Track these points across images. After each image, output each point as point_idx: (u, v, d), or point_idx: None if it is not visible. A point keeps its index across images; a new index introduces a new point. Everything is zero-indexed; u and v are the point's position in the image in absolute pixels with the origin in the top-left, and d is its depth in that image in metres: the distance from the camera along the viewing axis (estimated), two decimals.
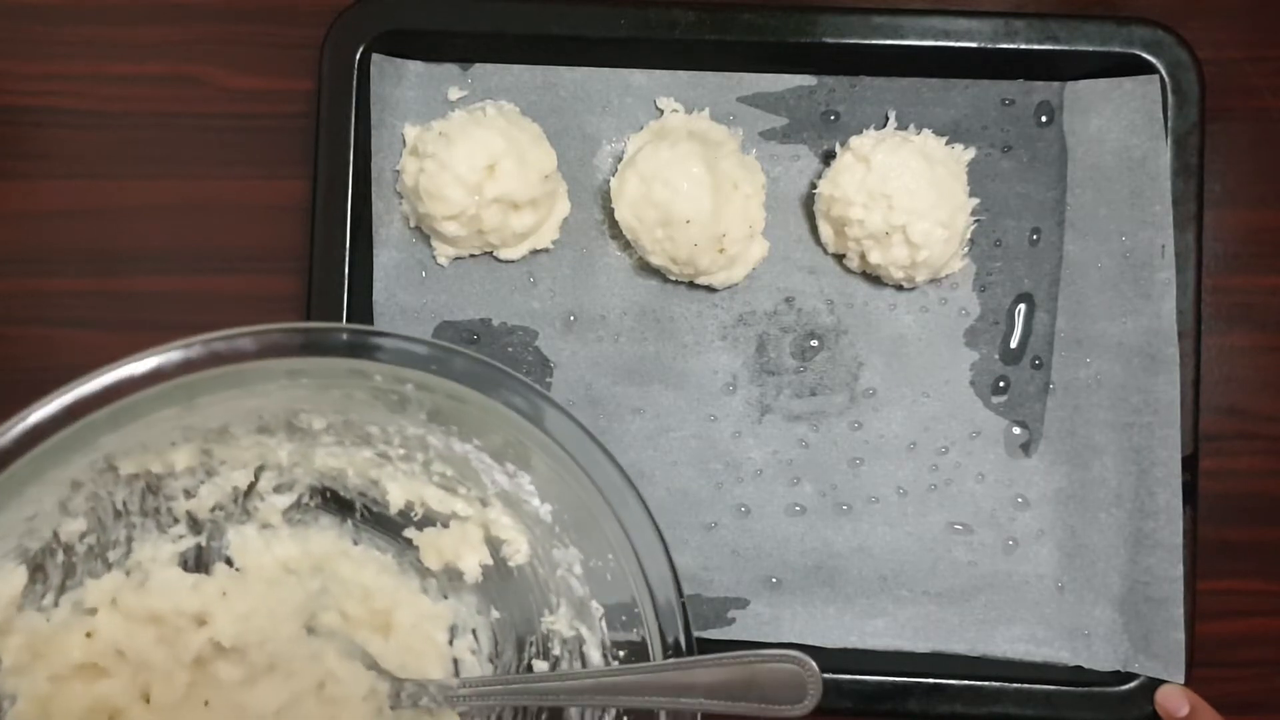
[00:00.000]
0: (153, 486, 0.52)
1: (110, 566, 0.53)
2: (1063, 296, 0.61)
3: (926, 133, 0.61)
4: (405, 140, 0.62)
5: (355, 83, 0.61)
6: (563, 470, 0.47)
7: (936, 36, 0.60)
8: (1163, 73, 0.60)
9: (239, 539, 0.56)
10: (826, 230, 0.61)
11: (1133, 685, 0.59)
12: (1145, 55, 0.60)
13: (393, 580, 0.57)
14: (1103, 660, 0.60)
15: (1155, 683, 0.59)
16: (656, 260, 0.60)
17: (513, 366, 0.62)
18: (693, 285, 0.62)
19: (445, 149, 0.58)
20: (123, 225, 0.64)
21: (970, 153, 0.61)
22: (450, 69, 0.63)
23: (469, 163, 0.58)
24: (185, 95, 0.65)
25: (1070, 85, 0.62)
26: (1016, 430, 0.62)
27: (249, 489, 0.54)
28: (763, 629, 0.61)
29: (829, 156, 0.62)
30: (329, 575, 0.56)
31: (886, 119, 0.62)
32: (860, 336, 0.62)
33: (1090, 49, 0.60)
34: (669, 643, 0.46)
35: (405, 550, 0.56)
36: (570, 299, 0.62)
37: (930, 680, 0.59)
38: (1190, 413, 0.59)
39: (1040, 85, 0.62)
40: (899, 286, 0.62)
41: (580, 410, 0.60)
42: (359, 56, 0.61)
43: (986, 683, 0.59)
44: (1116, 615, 0.60)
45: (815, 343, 0.62)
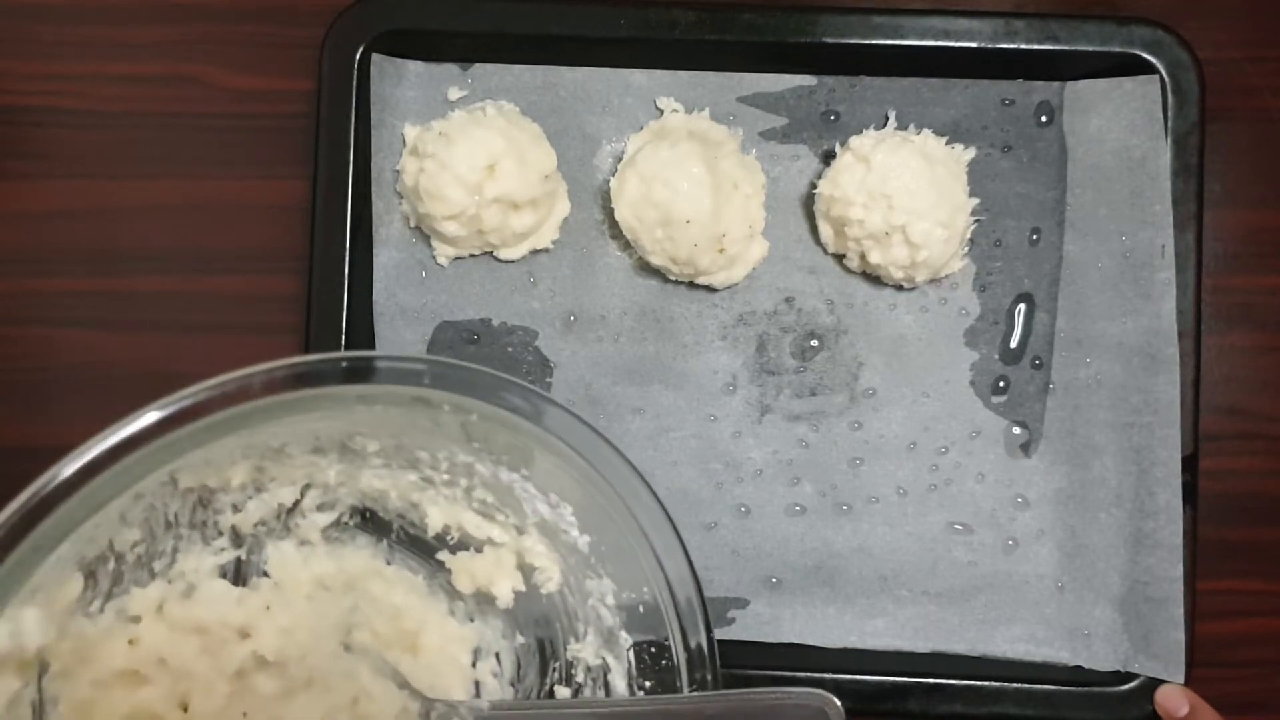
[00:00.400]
0: (204, 500, 0.53)
1: (155, 576, 0.53)
2: (1063, 296, 0.61)
3: (926, 133, 0.61)
4: (405, 140, 0.62)
5: (355, 83, 0.61)
6: (571, 468, 0.47)
7: (936, 36, 0.60)
8: (1163, 73, 0.60)
9: (277, 554, 0.56)
10: (826, 230, 0.61)
11: (1133, 685, 0.59)
12: (1145, 55, 0.60)
13: (421, 601, 0.57)
14: (1103, 660, 0.60)
15: (1155, 683, 0.59)
16: (656, 260, 0.60)
17: (513, 367, 0.62)
18: (693, 285, 0.62)
19: (445, 149, 0.58)
20: (123, 225, 0.64)
21: (970, 153, 0.61)
22: (450, 69, 0.63)
23: (469, 163, 0.58)
24: (185, 95, 0.65)
25: (1070, 85, 0.62)
26: (1016, 430, 0.61)
27: (293, 506, 0.55)
28: (763, 629, 0.61)
29: (829, 156, 0.62)
30: (360, 593, 0.56)
31: (886, 119, 0.62)
32: (860, 336, 0.62)
33: (1090, 49, 0.60)
34: (691, 646, 0.46)
35: (436, 572, 0.56)
36: (570, 299, 0.62)
37: (930, 680, 0.59)
38: (1190, 413, 0.59)
39: (1040, 85, 0.62)
40: (899, 286, 0.62)
41: (580, 410, 0.59)
42: (359, 56, 0.61)
43: (986, 683, 0.59)
44: (1116, 615, 0.60)
45: (815, 343, 0.62)
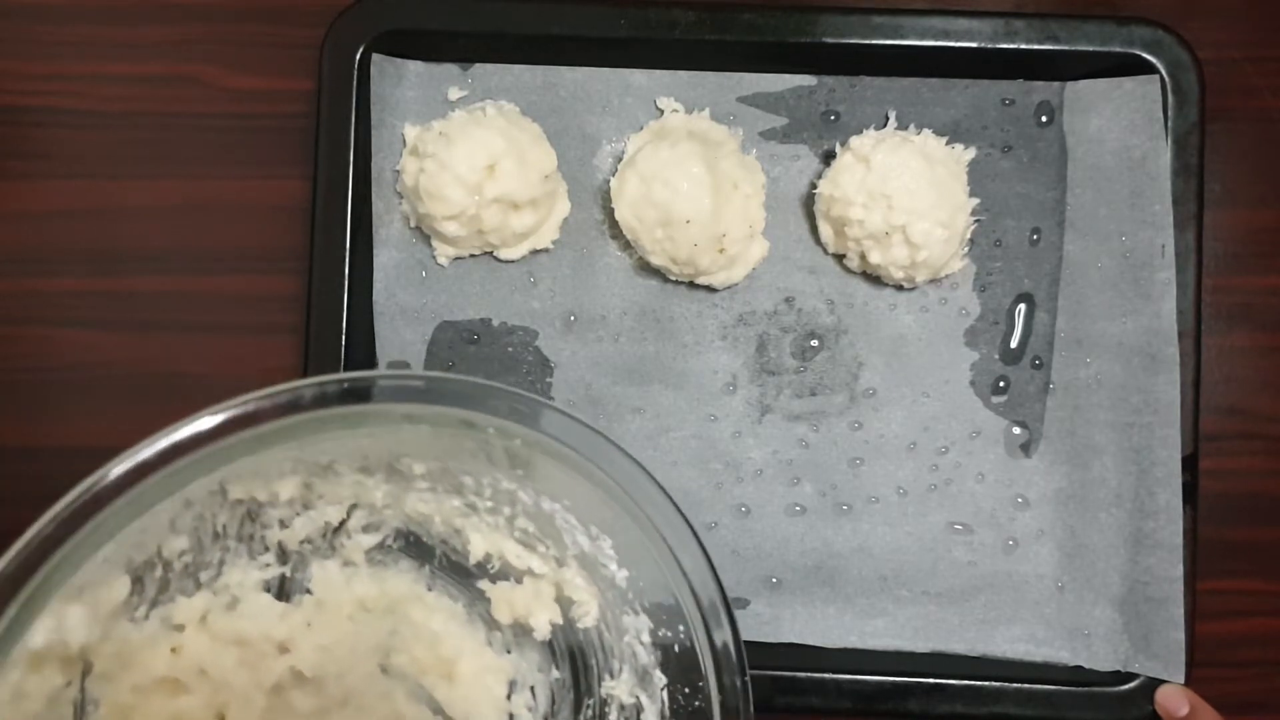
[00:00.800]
0: (253, 513, 0.53)
1: (200, 586, 0.53)
2: (1063, 296, 0.61)
3: (926, 133, 0.61)
4: (405, 140, 0.62)
5: (355, 83, 0.61)
6: (613, 502, 0.47)
7: (936, 36, 0.60)
8: (1163, 73, 0.60)
9: (321, 573, 0.56)
10: (826, 230, 0.61)
11: (1133, 685, 0.59)
12: (1145, 55, 0.60)
13: (460, 629, 0.57)
14: (1103, 660, 0.60)
15: (1155, 683, 0.59)
16: (656, 260, 0.60)
17: (513, 367, 0.62)
18: (693, 285, 0.62)
19: (445, 149, 0.58)
20: (123, 225, 0.64)
21: (970, 153, 0.61)
22: (450, 69, 0.63)
23: (469, 163, 0.58)
24: (185, 95, 0.65)
25: (1070, 85, 0.62)
26: (1016, 430, 0.61)
27: (339, 525, 0.55)
28: (763, 629, 0.61)
29: (829, 156, 0.62)
30: (400, 618, 0.56)
31: (886, 119, 0.62)
32: (860, 336, 0.62)
33: (1090, 49, 0.60)
34: (716, 645, 0.46)
35: (476, 601, 0.56)
36: (570, 299, 0.62)
37: (930, 680, 0.59)
38: (1190, 413, 0.59)
39: (1040, 85, 0.62)
40: (899, 286, 0.62)
41: (580, 410, 0.60)
42: (359, 56, 0.61)
43: (986, 683, 0.59)
44: (1116, 615, 0.60)
45: (815, 343, 0.62)
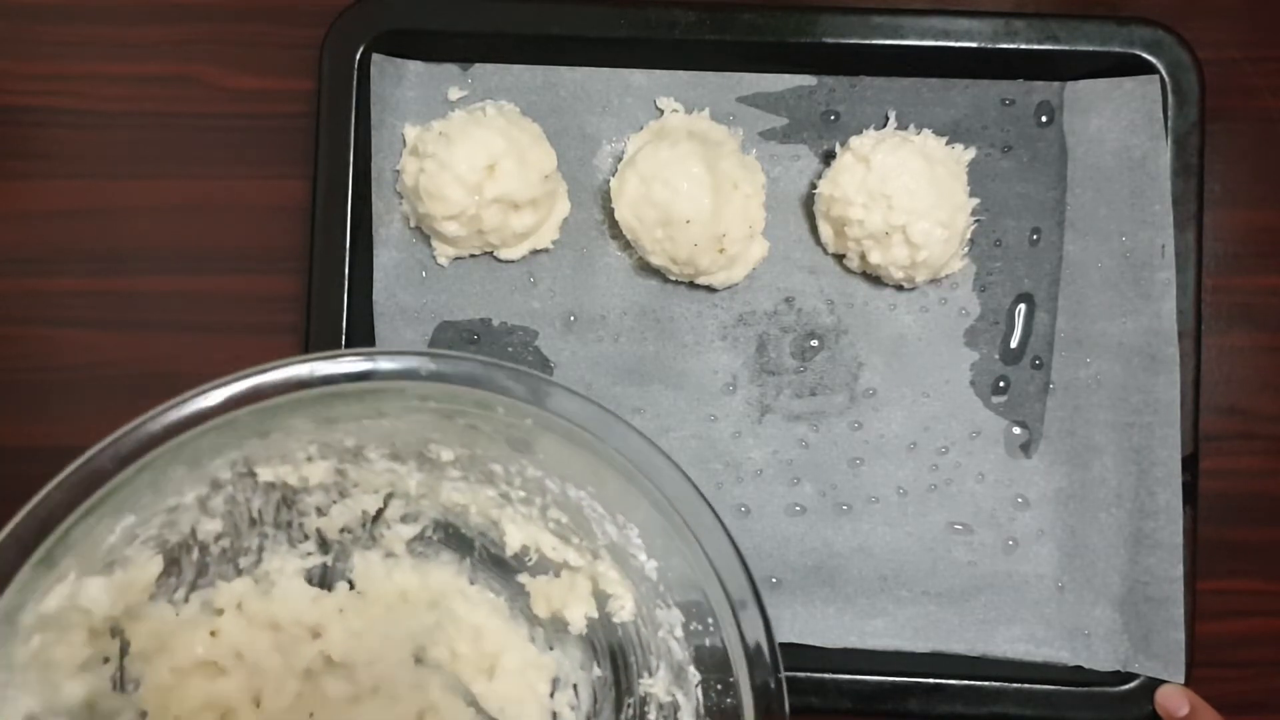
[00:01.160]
0: (288, 500, 0.53)
1: (240, 572, 0.54)
2: (1063, 296, 0.61)
3: (926, 133, 0.61)
4: (405, 140, 0.62)
5: (355, 83, 0.61)
6: (634, 486, 0.47)
7: (936, 36, 0.60)
8: (1163, 73, 0.60)
9: (363, 563, 0.57)
10: (826, 230, 0.61)
11: (1133, 685, 0.59)
12: (1145, 55, 0.60)
13: (503, 624, 0.57)
14: (1103, 660, 0.60)
15: (1155, 683, 0.59)
16: (656, 260, 0.60)
17: None
18: (693, 285, 0.62)
19: (445, 149, 0.58)
20: (123, 225, 0.64)
21: (970, 153, 0.61)
22: (450, 69, 0.63)
23: (469, 163, 0.58)
24: (185, 95, 0.65)
25: (1070, 85, 0.62)
26: (1016, 430, 0.61)
27: (377, 515, 0.55)
28: None
29: (829, 156, 0.62)
30: (444, 611, 0.57)
31: (886, 119, 0.62)
32: (860, 336, 0.62)
33: (1090, 49, 0.60)
34: (750, 646, 0.46)
35: (517, 595, 0.56)
36: (570, 299, 0.62)
37: (930, 680, 0.59)
38: (1190, 413, 0.59)
39: (1040, 85, 0.62)
40: (899, 286, 0.62)
41: None
42: (359, 56, 0.61)
43: (986, 683, 0.59)
44: (1116, 615, 0.60)
45: (815, 343, 0.62)
